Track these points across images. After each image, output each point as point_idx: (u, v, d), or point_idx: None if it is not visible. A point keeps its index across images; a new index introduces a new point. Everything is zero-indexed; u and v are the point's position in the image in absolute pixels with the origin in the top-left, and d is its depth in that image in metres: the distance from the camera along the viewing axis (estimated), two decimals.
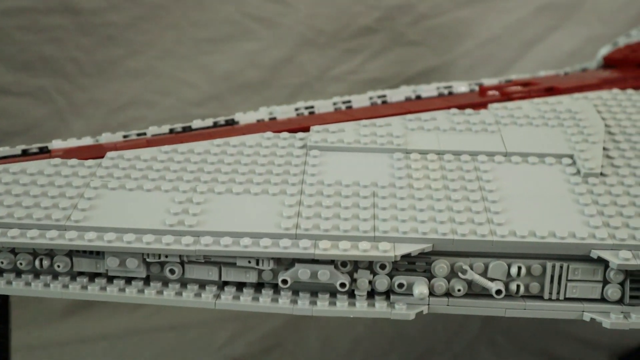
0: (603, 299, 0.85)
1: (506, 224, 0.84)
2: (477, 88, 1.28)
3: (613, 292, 0.84)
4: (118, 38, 1.86)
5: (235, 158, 0.97)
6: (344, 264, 0.84)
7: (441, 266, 0.84)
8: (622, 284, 0.84)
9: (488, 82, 1.36)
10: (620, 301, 0.85)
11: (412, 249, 0.82)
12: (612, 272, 0.83)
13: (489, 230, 0.83)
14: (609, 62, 1.44)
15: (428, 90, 1.31)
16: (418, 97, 1.29)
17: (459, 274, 0.84)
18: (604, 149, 1.00)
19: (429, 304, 0.85)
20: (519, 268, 0.83)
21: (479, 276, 0.84)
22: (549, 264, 0.84)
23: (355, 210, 0.86)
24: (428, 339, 1.85)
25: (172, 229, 0.83)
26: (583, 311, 0.84)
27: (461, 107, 1.12)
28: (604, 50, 1.48)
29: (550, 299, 0.85)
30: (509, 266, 0.84)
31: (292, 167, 0.95)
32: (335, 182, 0.91)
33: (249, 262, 0.83)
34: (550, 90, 1.21)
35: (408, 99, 1.28)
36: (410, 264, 0.85)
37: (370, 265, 0.84)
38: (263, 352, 1.79)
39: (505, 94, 1.19)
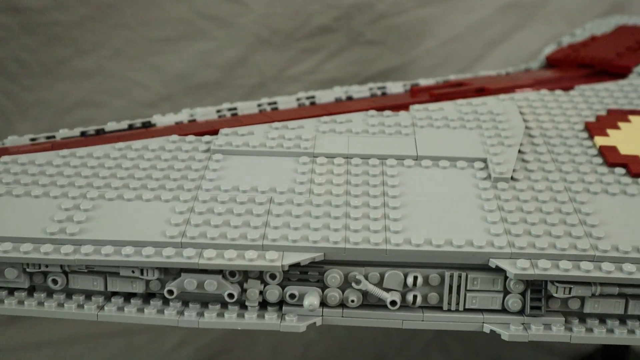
0: (505, 310, 0.81)
1: (403, 232, 0.80)
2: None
3: (514, 302, 0.80)
4: (65, 37, 1.82)
5: (134, 162, 0.93)
6: (232, 273, 0.80)
7: (333, 276, 0.80)
8: (523, 294, 0.81)
9: (424, 82, 1.33)
10: (521, 312, 0.81)
11: (301, 258, 0.78)
12: (511, 282, 0.80)
13: (383, 239, 0.79)
14: (551, 62, 1.41)
15: (360, 91, 1.27)
16: (349, 98, 1.26)
17: (353, 284, 0.80)
18: (521, 152, 0.96)
19: (322, 315, 0.81)
20: (415, 278, 0.80)
21: (373, 286, 0.80)
22: (447, 274, 0.80)
23: (247, 218, 0.82)
24: (381, 345, 1.81)
25: (53, 238, 0.80)
26: (483, 322, 0.81)
27: (384, 108, 1.09)
28: (547, 50, 1.45)
29: (449, 310, 0.81)
30: (406, 276, 0.81)
31: (192, 171, 0.91)
32: (232, 187, 0.88)
33: (133, 271, 0.80)
34: (481, 91, 1.17)
35: (338, 100, 1.25)
36: (303, 273, 0.81)
37: (260, 275, 0.81)
38: (211, 358, 1.76)
39: (433, 95, 1.15)
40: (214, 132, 1.02)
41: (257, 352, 1.79)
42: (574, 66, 1.33)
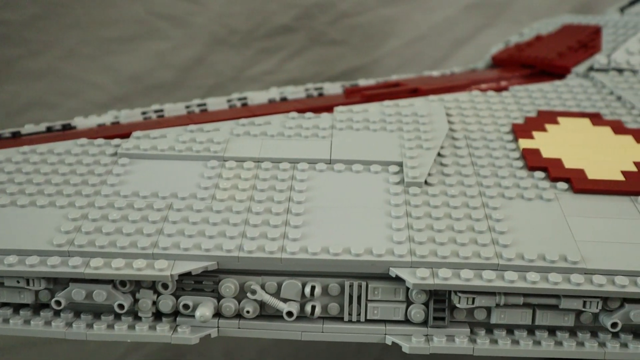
0: (409, 321, 0.78)
1: (300, 240, 0.77)
2: None
3: (416, 313, 0.77)
4: (14, 37, 1.79)
5: (36, 167, 0.90)
6: (123, 283, 0.77)
7: (228, 286, 0.77)
8: (426, 304, 0.77)
9: (364, 83, 1.29)
10: (425, 323, 0.78)
11: (192, 267, 0.75)
12: (413, 291, 0.76)
13: (279, 247, 0.76)
14: (496, 62, 1.37)
15: (296, 92, 1.24)
16: (284, 100, 1.22)
17: (249, 295, 0.77)
18: (440, 155, 0.93)
19: (218, 327, 0.78)
20: (313, 288, 0.76)
21: (269, 296, 0.77)
22: (347, 283, 0.77)
23: (141, 225, 0.79)
24: (337, 349, 1.78)
25: None
26: (385, 334, 0.78)
27: (314, 110, 1.05)
28: (494, 49, 1.42)
29: (350, 321, 0.78)
30: (304, 286, 0.77)
31: (94, 176, 0.88)
32: (132, 193, 0.84)
33: (18, 282, 0.76)
34: (415, 92, 1.14)
35: (272, 102, 1.21)
36: (197, 283, 0.78)
37: (153, 285, 0.77)
38: None
39: (365, 96, 1.12)
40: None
41: (210, 358, 1.76)
42: (517, 66, 1.30)
